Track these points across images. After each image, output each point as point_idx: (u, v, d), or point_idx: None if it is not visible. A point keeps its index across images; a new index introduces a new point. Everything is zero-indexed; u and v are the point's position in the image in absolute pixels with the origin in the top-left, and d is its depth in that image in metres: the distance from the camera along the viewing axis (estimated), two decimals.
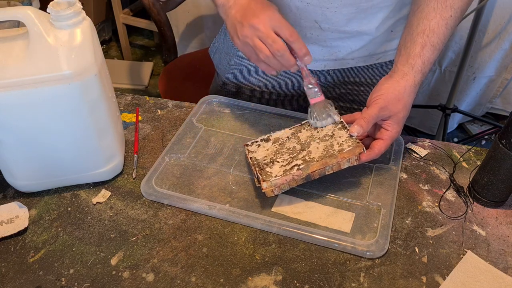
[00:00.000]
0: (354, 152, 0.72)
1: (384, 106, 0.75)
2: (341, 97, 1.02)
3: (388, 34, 0.92)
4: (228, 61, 1.05)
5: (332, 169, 0.73)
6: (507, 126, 0.68)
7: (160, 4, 1.49)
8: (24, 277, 0.65)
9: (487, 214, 0.75)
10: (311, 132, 0.78)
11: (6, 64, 0.62)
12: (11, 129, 0.67)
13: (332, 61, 0.95)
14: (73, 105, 0.67)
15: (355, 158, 0.73)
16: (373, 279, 0.65)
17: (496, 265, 0.67)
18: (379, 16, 0.87)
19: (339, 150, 0.72)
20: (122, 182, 0.79)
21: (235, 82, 1.05)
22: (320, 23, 0.88)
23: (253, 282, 0.64)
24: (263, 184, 0.71)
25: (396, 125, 0.76)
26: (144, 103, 0.97)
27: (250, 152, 0.79)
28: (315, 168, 0.72)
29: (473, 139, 2.08)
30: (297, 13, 0.88)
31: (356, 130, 0.74)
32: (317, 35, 0.90)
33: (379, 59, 0.96)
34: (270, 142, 0.80)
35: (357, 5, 0.84)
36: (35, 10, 0.63)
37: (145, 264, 0.66)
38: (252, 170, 0.75)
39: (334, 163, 0.72)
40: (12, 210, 0.72)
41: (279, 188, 0.72)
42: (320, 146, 0.75)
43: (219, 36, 1.09)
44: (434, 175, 0.81)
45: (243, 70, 1.03)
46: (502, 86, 1.99)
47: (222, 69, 1.07)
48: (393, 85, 0.76)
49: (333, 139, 0.75)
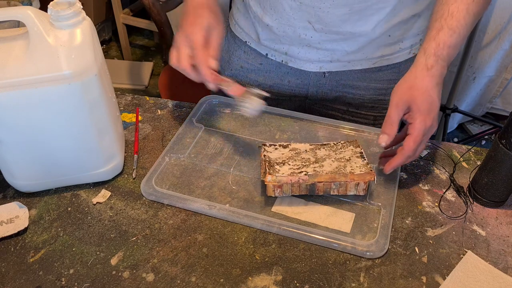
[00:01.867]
0: (364, 178, 0.72)
1: (397, 100, 0.72)
2: (338, 100, 1.02)
3: (386, 39, 0.91)
4: (228, 58, 1.05)
5: (338, 191, 0.74)
6: (507, 126, 0.68)
7: (160, 4, 1.49)
8: (24, 277, 0.65)
9: (487, 214, 0.75)
10: (329, 152, 0.79)
11: (6, 64, 0.62)
12: (11, 129, 0.67)
13: (328, 63, 0.95)
14: (73, 105, 0.67)
15: (363, 188, 0.73)
16: (373, 279, 0.65)
17: (496, 265, 0.67)
18: (374, 18, 0.86)
19: (350, 171, 0.73)
20: (122, 182, 0.79)
21: (234, 80, 1.05)
22: (314, 23, 0.88)
23: (253, 282, 0.64)
24: (267, 177, 0.71)
25: (418, 114, 0.70)
26: (144, 103, 0.97)
27: (265, 151, 0.79)
28: (322, 180, 0.72)
29: (473, 139, 2.08)
30: (290, 12, 0.88)
31: (383, 139, 0.72)
32: (311, 37, 0.90)
33: (376, 63, 0.95)
34: (288, 149, 0.81)
35: (350, 6, 0.83)
36: (35, 10, 0.63)
37: (145, 264, 0.66)
38: (262, 165, 0.76)
39: (342, 181, 0.72)
40: (12, 210, 0.72)
41: (281, 189, 0.72)
42: (334, 164, 0.76)
43: None
44: (434, 175, 0.81)
45: (241, 68, 1.03)
46: (502, 86, 1.99)
47: (222, 66, 1.08)
48: (404, 77, 0.74)
49: (348, 163, 0.76)
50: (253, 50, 1.01)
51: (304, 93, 1.03)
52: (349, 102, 1.02)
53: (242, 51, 1.02)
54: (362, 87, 0.99)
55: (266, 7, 0.91)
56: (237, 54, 1.03)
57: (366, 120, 1.04)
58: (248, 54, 1.02)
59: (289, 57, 0.96)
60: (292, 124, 0.91)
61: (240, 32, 1.01)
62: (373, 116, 1.03)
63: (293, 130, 0.89)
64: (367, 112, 1.03)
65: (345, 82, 0.98)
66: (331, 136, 0.88)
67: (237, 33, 1.02)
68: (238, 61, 1.03)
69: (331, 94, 1.01)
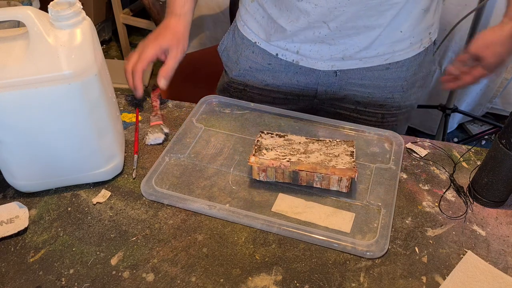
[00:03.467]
0: (345, 173, 0.73)
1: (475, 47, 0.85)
2: (346, 98, 1.02)
3: (397, 34, 0.92)
4: (236, 59, 1.06)
5: (321, 183, 0.76)
6: (507, 126, 0.68)
7: (160, 4, 1.49)
8: (24, 277, 0.65)
9: (487, 214, 0.75)
10: (321, 147, 0.80)
11: (6, 64, 0.62)
12: (11, 129, 0.67)
13: (340, 61, 0.95)
14: (73, 105, 0.67)
15: (345, 185, 0.75)
16: (373, 279, 0.65)
17: (496, 265, 0.67)
18: (389, 13, 0.87)
19: (333, 165, 0.74)
20: (122, 182, 0.79)
21: (242, 80, 1.06)
22: (329, 22, 0.88)
23: (253, 282, 0.64)
24: (251, 158, 0.75)
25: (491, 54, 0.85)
26: (144, 103, 0.97)
27: (260, 137, 0.81)
28: (303, 168, 0.74)
29: (473, 139, 2.08)
30: (305, 14, 0.88)
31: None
32: (325, 34, 0.91)
33: (388, 60, 0.96)
34: (282, 138, 0.82)
35: (365, 2, 0.84)
36: (35, 10, 0.63)
37: (145, 264, 0.66)
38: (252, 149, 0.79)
39: (323, 173, 0.74)
40: (12, 210, 0.72)
41: (265, 173, 0.76)
42: (320, 157, 0.77)
43: (228, 34, 1.10)
44: (434, 175, 0.81)
45: (250, 68, 1.04)
46: (502, 86, 1.99)
47: (230, 67, 1.08)
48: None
49: (335, 158, 0.77)
50: (262, 50, 1.01)
51: (313, 92, 1.03)
52: (358, 100, 1.02)
53: (251, 51, 1.02)
54: (371, 86, 0.99)
55: (282, 8, 0.92)
56: (245, 54, 1.03)
57: (375, 119, 1.04)
58: (257, 54, 1.02)
59: (300, 56, 0.97)
60: (292, 124, 0.91)
61: (250, 33, 1.02)
62: (381, 114, 1.04)
63: (293, 130, 0.89)
64: (376, 110, 1.03)
65: (355, 81, 0.99)
66: (331, 136, 0.88)
67: (246, 33, 1.03)
68: (246, 61, 1.04)
69: (340, 93, 1.02)
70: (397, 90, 1.00)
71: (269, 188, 0.77)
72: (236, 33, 1.06)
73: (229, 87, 1.10)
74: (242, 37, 1.04)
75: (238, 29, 1.05)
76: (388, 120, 1.05)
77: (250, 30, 1.02)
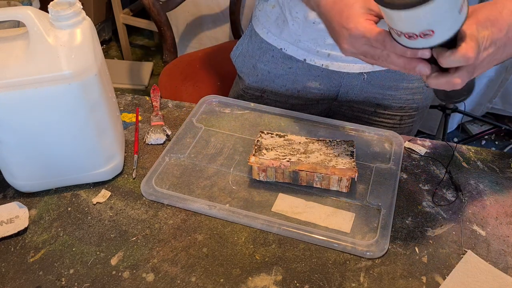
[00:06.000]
0: (346, 173, 0.73)
1: None
2: (367, 101, 1.01)
3: None
4: (253, 64, 1.03)
5: (321, 183, 0.76)
6: None
7: (160, 4, 1.49)
8: (24, 277, 0.65)
9: (487, 214, 0.75)
10: (321, 147, 0.80)
11: (6, 64, 0.62)
12: (11, 129, 0.67)
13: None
14: (73, 105, 0.67)
15: (345, 184, 0.75)
16: (373, 279, 0.65)
17: (496, 265, 0.67)
18: None
19: (333, 165, 0.74)
20: (122, 182, 0.79)
21: (259, 86, 1.04)
22: None
23: (253, 282, 0.64)
24: (251, 157, 0.75)
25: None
26: (144, 103, 0.97)
27: (260, 137, 0.81)
28: (303, 168, 0.74)
29: (473, 139, 2.08)
30: None
31: None
32: None
33: None
34: (282, 138, 0.82)
35: None
36: (35, 10, 0.63)
37: (145, 264, 0.66)
38: (252, 149, 0.79)
39: (323, 173, 0.74)
40: (12, 210, 0.72)
41: (265, 173, 0.76)
42: (320, 157, 0.77)
43: (243, 39, 1.08)
44: (434, 175, 0.81)
45: (269, 74, 1.01)
46: (502, 86, 1.99)
47: (246, 73, 1.05)
48: None
49: (335, 158, 0.77)
50: (285, 56, 0.98)
51: (334, 95, 1.02)
52: (378, 103, 1.01)
53: (270, 56, 1.00)
54: (393, 87, 0.99)
55: None
56: (263, 59, 1.01)
57: (393, 121, 1.03)
58: (277, 59, 0.99)
59: (330, 59, 0.94)
60: (292, 124, 0.91)
61: (275, 39, 0.98)
62: (399, 116, 1.03)
63: (293, 130, 0.89)
64: (395, 112, 1.02)
65: (380, 83, 0.98)
66: (331, 136, 0.88)
67: (270, 40, 0.99)
68: (264, 66, 1.01)
69: (361, 95, 1.01)
70: (419, 91, 1.00)
71: (269, 188, 0.77)
72: (254, 37, 1.03)
73: (245, 93, 1.07)
74: (261, 41, 1.01)
75: (256, 34, 1.02)
76: (405, 122, 1.04)
77: (275, 36, 0.98)
